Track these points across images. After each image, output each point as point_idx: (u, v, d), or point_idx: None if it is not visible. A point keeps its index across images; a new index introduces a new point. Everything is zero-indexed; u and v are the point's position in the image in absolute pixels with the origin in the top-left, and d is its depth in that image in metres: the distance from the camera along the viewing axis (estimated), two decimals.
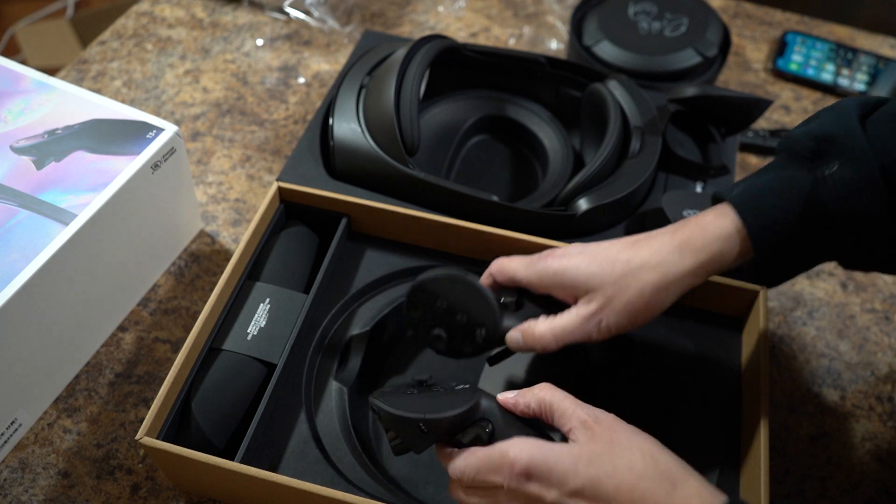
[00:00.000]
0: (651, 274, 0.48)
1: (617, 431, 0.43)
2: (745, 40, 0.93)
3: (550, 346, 0.50)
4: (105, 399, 0.60)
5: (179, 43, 0.88)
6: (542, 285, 0.51)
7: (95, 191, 0.57)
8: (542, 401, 0.45)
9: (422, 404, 0.47)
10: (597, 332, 0.49)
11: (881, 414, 0.62)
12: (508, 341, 0.52)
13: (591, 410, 0.44)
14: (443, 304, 0.53)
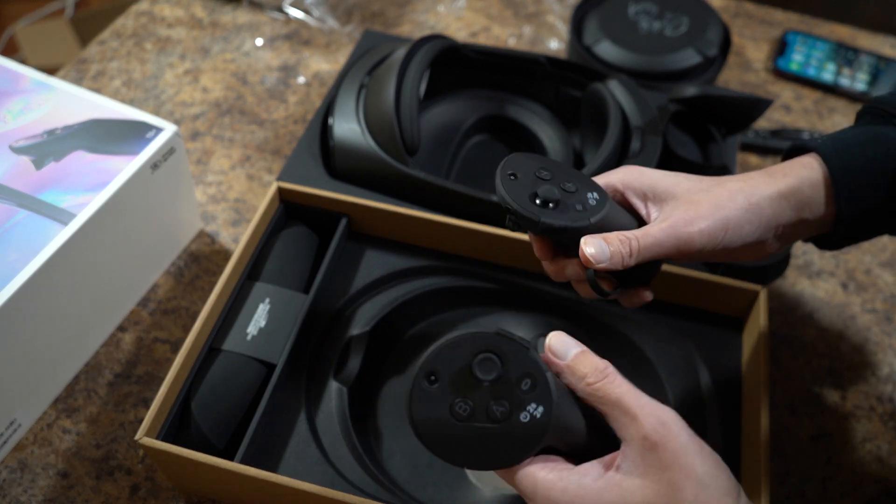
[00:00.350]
0: (740, 186, 0.45)
1: (687, 461, 0.35)
2: (745, 40, 0.93)
3: (633, 254, 0.44)
4: (104, 399, 0.60)
5: (179, 42, 0.88)
6: (620, 183, 0.48)
7: (95, 191, 0.57)
8: (603, 396, 0.38)
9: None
10: (686, 240, 0.44)
11: (882, 414, 0.62)
12: (590, 247, 0.44)
13: (658, 416, 0.36)
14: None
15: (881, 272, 0.72)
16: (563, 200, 0.45)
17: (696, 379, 0.59)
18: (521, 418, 0.37)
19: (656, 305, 0.62)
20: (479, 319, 0.62)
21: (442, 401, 0.37)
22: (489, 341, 0.38)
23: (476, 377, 0.37)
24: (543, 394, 0.37)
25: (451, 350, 0.38)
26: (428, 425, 0.37)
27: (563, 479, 0.37)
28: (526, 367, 0.38)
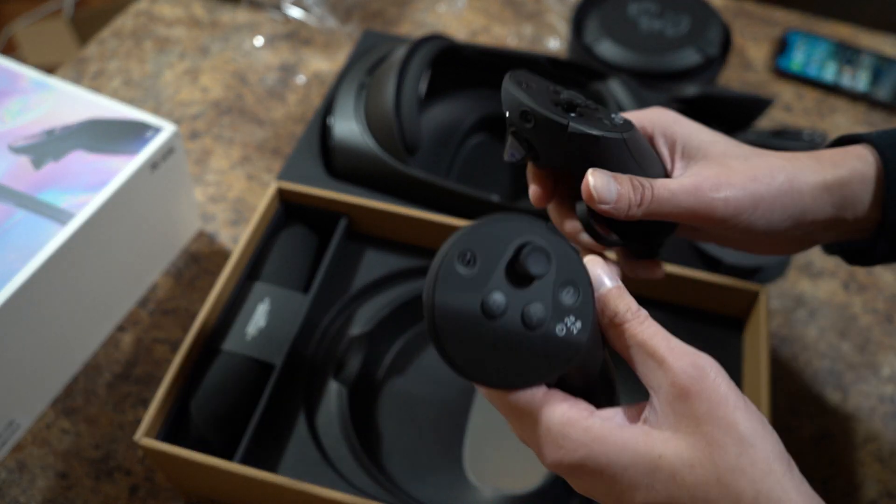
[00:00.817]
0: (783, 163, 0.39)
1: (728, 414, 0.29)
2: (746, 39, 0.92)
3: (644, 204, 0.38)
4: (104, 400, 0.60)
5: (178, 42, 0.88)
6: (651, 123, 0.42)
7: (94, 190, 0.57)
8: (631, 336, 0.33)
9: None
10: (707, 206, 0.38)
11: (883, 415, 0.62)
12: (596, 181, 0.38)
13: (692, 360, 0.30)
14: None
15: (882, 272, 0.71)
16: (587, 112, 0.38)
17: None
18: (557, 331, 0.31)
19: (657, 305, 0.62)
20: None
21: (474, 290, 0.31)
22: (540, 233, 0.32)
23: (523, 270, 0.31)
24: (585, 309, 0.32)
25: (494, 230, 0.31)
26: (449, 316, 0.30)
27: (587, 419, 0.31)
28: (572, 274, 0.32)
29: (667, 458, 0.29)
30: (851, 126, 0.84)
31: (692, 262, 0.62)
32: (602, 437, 0.30)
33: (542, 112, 0.37)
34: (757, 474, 0.28)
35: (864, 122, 0.84)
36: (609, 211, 0.38)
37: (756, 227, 0.39)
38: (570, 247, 0.32)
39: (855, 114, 0.85)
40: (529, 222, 0.32)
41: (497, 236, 0.31)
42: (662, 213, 0.38)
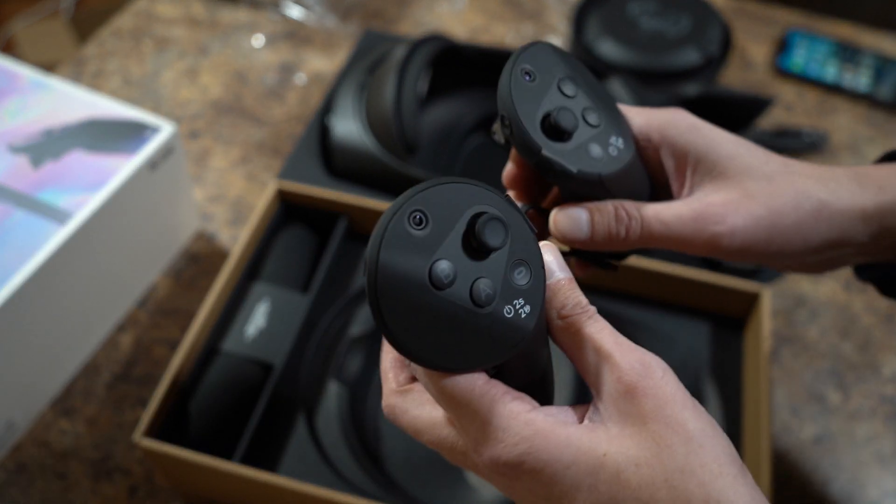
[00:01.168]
0: (815, 186, 0.34)
1: (675, 413, 0.27)
2: (747, 39, 0.92)
3: (630, 239, 0.34)
4: (103, 400, 0.60)
5: (178, 41, 0.87)
6: (659, 132, 0.36)
7: (93, 190, 0.57)
8: (577, 332, 0.30)
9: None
10: (711, 241, 0.34)
11: (885, 415, 0.62)
12: (560, 222, 0.35)
13: (639, 356, 0.29)
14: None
15: None
16: (578, 135, 0.34)
17: (697, 380, 0.59)
18: (506, 312, 0.28)
19: (657, 305, 0.62)
20: None
21: (422, 254, 0.28)
22: (498, 204, 0.29)
23: (479, 241, 0.28)
24: (535, 294, 0.29)
25: (450, 193, 0.28)
26: (392, 279, 0.27)
27: (529, 412, 0.28)
28: (526, 254, 0.29)
29: (611, 456, 0.27)
30: (852, 126, 0.84)
31: (692, 262, 0.62)
32: (544, 432, 0.28)
33: (519, 127, 0.34)
34: (707, 476, 0.26)
35: (866, 123, 0.84)
36: (587, 247, 0.34)
37: (771, 257, 0.35)
38: (527, 224, 0.30)
39: (856, 114, 0.85)
40: (488, 191, 0.29)
41: (453, 200, 0.28)
42: (656, 246, 0.35)
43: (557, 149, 0.34)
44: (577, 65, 0.36)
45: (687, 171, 0.36)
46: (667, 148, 0.36)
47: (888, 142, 0.82)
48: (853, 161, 0.80)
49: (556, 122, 0.34)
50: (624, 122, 0.36)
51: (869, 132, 0.83)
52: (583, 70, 0.37)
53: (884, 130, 0.83)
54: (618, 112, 0.36)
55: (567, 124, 0.34)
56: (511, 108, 0.34)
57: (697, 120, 0.36)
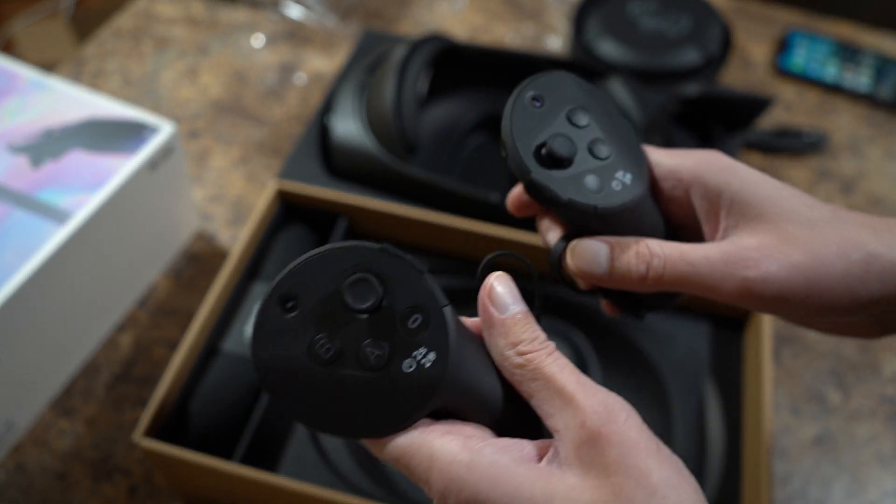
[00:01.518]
0: (867, 236, 0.31)
1: (639, 462, 0.26)
2: (747, 39, 0.92)
3: (651, 279, 0.32)
4: (103, 400, 0.60)
5: (177, 41, 0.87)
6: (691, 173, 0.34)
7: (92, 190, 0.57)
8: (535, 369, 0.28)
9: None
10: (738, 283, 0.31)
11: (885, 415, 0.62)
12: (578, 255, 0.33)
13: (601, 399, 0.27)
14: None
15: None
16: (578, 164, 0.33)
17: (697, 380, 0.59)
18: (405, 367, 0.27)
19: None
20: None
21: (298, 336, 0.27)
22: (367, 257, 0.27)
23: (346, 305, 0.27)
24: (437, 336, 0.27)
25: (317, 266, 0.27)
26: (276, 369, 0.27)
27: (471, 451, 0.26)
28: (416, 299, 0.27)
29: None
30: (852, 126, 0.83)
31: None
32: (492, 477, 0.26)
33: (512, 148, 0.33)
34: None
35: (866, 123, 0.84)
36: (603, 283, 0.32)
37: (812, 311, 0.31)
38: (412, 267, 0.28)
39: (856, 114, 0.85)
40: (359, 251, 0.28)
41: (321, 270, 0.27)
42: (683, 289, 0.32)
43: (551, 175, 0.33)
44: (600, 98, 0.36)
45: (721, 213, 0.33)
46: (698, 188, 0.34)
47: (889, 142, 0.82)
48: (853, 161, 0.80)
49: (551, 147, 0.33)
50: (642, 160, 0.35)
51: (869, 132, 0.83)
52: (606, 105, 0.36)
53: (884, 131, 0.83)
54: (638, 150, 0.35)
55: (561, 151, 0.33)
56: (507, 129, 0.33)
57: (733, 161, 0.34)
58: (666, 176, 0.35)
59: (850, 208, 0.31)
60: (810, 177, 0.78)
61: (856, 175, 0.79)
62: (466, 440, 0.27)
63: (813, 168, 0.79)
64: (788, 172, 0.79)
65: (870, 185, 0.78)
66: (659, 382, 0.58)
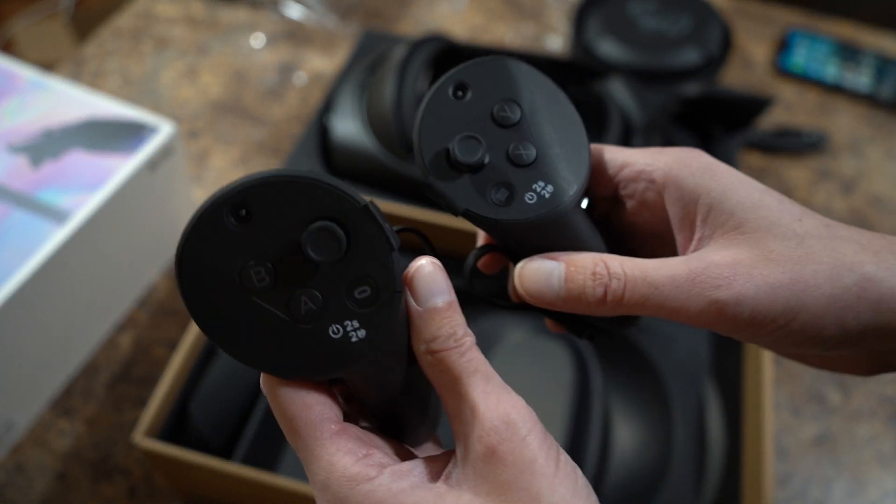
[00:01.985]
0: (863, 256, 0.26)
1: (533, 484, 0.24)
2: (747, 38, 0.92)
3: (611, 304, 0.28)
4: (102, 401, 0.60)
5: (177, 41, 0.87)
6: (665, 172, 0.30)
7: (92, 190, 0.56)
8: (445, 370, 0.26)
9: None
10: (704, 305, 0.27)
11: (885, 416, 0.62)
12: (526, 277, 0.30)
13: (503, 411, 0.25)
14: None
15: None
16: (491, 170, 0.29)
17: (697, 380, 0.59)
18: (331, 331, 0.25)
19: None
20: (479, 320, 0.62)
21: (237, 252, 0.25)
22: (346, 208, 0.25)
23: (300, 245, 0.24)
24: (377, 318, 0.25)
25: (292, 190, 0.24)
26: (199, 273, 0.25)
27: (370, 479, 0.25)
28: (373, 271, 0.25)
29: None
30: (853, 126, 0.83)
31: None
32: (374, 499, 0.24)
33: (416, 150, 0.29)
34: None
35: (866, 123, 0.84)
36: (557, 308, 0.29)
37: (793, 341, 0.27)
38: (385, 239, 0.25)
39: (857, 114, 0.85)
40: (341, 197, 0.25)
41: (294, 195, 0.24)
42: (645, 312, 0.28)
43: (453, 181, 0.29)
44: (545, 91, 0.31)
45: (696, 221, 0.29)
46: (673, 191, 0.29)
47: (889, 142, 0.82)
48: (853, 161, 0.80)
49: (454, 150, 0.29)
50: (582, 169, 0.30)
51: (870, 132, 0.83)
52: (553, 99, 0.31)
53: (884, 131, 0.83)
54: (581, 156, 0.30)
55: (464, 156, 0.29)
56: (416, 125, 0.29)
57: (714, 161, 0.29)
58: (636, 177, 0.31)
59: (850, 208, 0.28)
60: (810, 177, 0.78)
61: (856, 175, 0.79)
62: (365, 464, 0.25)
63: (813, 168, 0.79)
64: (788, 172, 0.79)
65: (870, 185, 0.78)
66: (659, 382, 0.58)
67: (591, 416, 0.55)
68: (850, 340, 0.27)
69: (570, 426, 0.53)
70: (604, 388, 0.58)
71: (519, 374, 0.59)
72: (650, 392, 0.58)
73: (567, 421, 0.53)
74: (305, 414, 0.25)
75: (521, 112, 0.30)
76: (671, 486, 0.54)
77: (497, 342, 0.59)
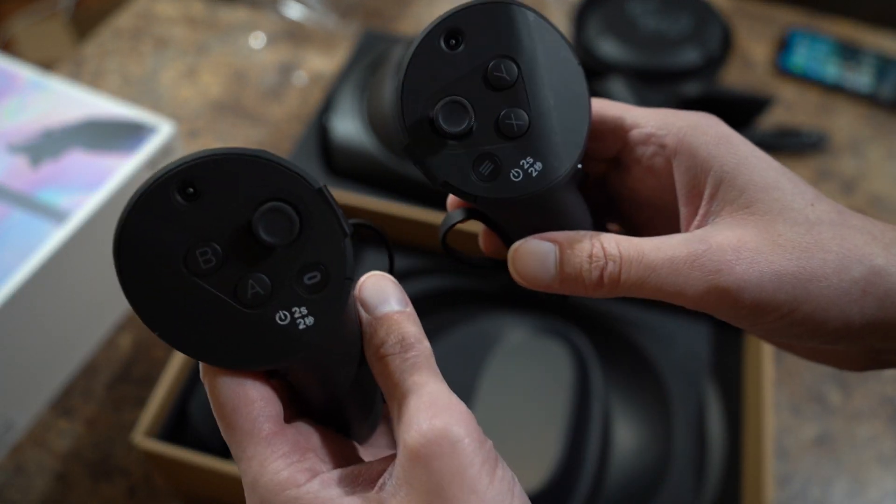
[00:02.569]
0: (874, 248, 0.25)
1: (461, 494, 0.23)
2: (747, 38, 0.92)
3: (608, 287, 0.27)
4: (102, 401, 0.60)
5: (177, 41, 0.87)
6: (678, 138, 0.28)
7: (92, 190, 0.56)
8: (390, 375, 0.26)
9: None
10: (704, 290, 0.26)
11: (885, 416, 0.62)
12: (520, 260, 0.28)
13: (436, 417, 0.24)
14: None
15: None
16: (478, 138, 0.27)
17: (697, 380, 0.58)
18: (277, 318, 0.24)
19: (658, 305, 0.62)
20: (479, 320, 0.62)
21: (182, 231, 0.23)
22: (300, 190, 0.24)
23: (250, 226, 0.23)
24: (326, 306, 0.24)
25: (245, 168, 0.23)
26: (141, 253, 0.23)
27: (295, 483, 0.24)
28: (324, 257, 0.24)
29: None
30: (853, 126, 0.83)
31: None
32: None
33: (397, 109, 0.27)
34: None
35: (867, 123, 0.84)
36: (551, 290, 0.28)
37: (793, 332, 0.26)
38: (339, 225, 0.24)
39: (857, 114, 0.85)
40: (296, 179, 0.24)
41: (247, 173, 0.23)
42: (642, 294, 0.27)
43: (434, 148, 0.27)
44: (548, 43, 0.27)
45: (705, 193, 0.27)
46: (684, 159, 0.27)
47: (889, 142, 0.82)
48: (854, 161, 0.80)
49: (437, 116, 0.26)
50: (579, 140, 0.27)
51: (870, 132, 0.83)
52: (556, 53, 0.28)
53: (885, 131, 0.83)
54: (579, 125, 0.28)
55: (447, 124, 0.26)
56: (399, 79, 0.27)
57: (732, 132, 0.27)
58: (646, 140, 0.29)
59: (851, 208, 0.27)
60: (811, 177, 0.78)
61: (856, 175, 0.79)
62: (299, 469, 0.24)
63: (813, 168, 0.79)
64: None
65: (870, 185, 0.78)
66: (659, 382, 0.58)
67: (591, 416, 0.55)
68: (852, 335, 0.26)
69: (570, 426, 0.53)
70: (604, 388, 0.58)
71: (519, 374, 0.59)
72: (650, 392, 0.58)
73: (567, 421, 0.53)
74: (246, 409, 0.24)
75: (519, 72, 0.27)
76: (671, 486, 0.54)
77: (497, 342, 0.59)
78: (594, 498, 0.53)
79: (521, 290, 0.35)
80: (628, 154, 0.30)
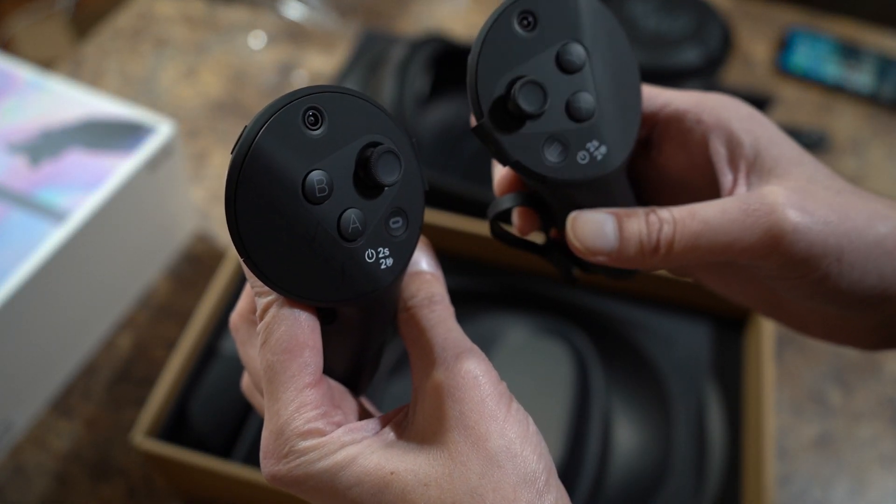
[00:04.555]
0: (890, 213, 0.28)
1: (481, 425, 0.25)
2: (747, 38, 0.92)
3: (662, 250, 0.28)
4: (102, 401, 0.60)
5: (177, 40, 0.87)
6: (714, 115, 0.29)
7: (91, 190, 0.56)
8: (416, 324, 0.28)
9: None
10: (762, 233, 0.26)
11: (887, 416, 0.62)
12: (581, 229, 0.29)
13: (458, 352, 0.26)
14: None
15: None
16: (547, 120, 0.28)
17: (698, 380, 0.58)
18: (367, 255, 0.25)
19: (658, 305, 0.62)
20: (479, 320, 0.62)
21: (305, 158, 0.24)
22: (401, 139, 0.26)
23: (369, 172, 0.24)
24: (402, 251, 0.26)
25: (357, 107, 0.25)
26: (263, 170, 0.23)
27: (321, 432, 0.25)
28: (410, 205, 0.26)
29: (399, 474, 0.24)
30: (854, 126, 0.83)
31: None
32: (325, 451, 0.25)
33: (471, 86, 0.27)
34: (498, 501, 0.24)
35: (868, 123, 0.84)
36: (612, 262, 0.29)
37: (833, 288, 0.27)
38: (420, 178, 0.26)
39: (858, 114, 0.84)
40: (395, 125, 0.25)
41: (356, 116, 0.25)
42: (696, 255, 0.28)
43: (508, 128, 0.27)
44: (609, 29, 0.29)
45: (741, 164, 0.29)
46: (721, 133, 0.29)
47: (890, 142, 0.82)
48: (854, 161, 0.80)
49: (514, 96, 0.26)
50: (634, 124, 0.29)
51: (871, 132, 0.83)
52: (615, 39, 0.29)
53: (885, 130, 0.83)
54: (634, 109, 0.29)
55: (525, 104, 0.27)
56: (474, 57, 0.27)
57: (757, 111, 0.30)
58: (681, 116, 0.30)
59: None
60: None
61: (857, 175, 0.79)
62: (328, 420, 0.25)
63: None
64: None
65: (871, 185, 0.78)
66: (659, 382, 0.58)
67: (591, 416, 0.55)
68: (881, 295, 0.27)
69: (570, 426, 0.53)
70: (604, 388, 0.58)
71: (519, 374, 0.59)
72: (650, 392, 0.58)
73: (567, 421, 0.53)
74: (298, 352, 0.25)
75: (588, 56, 0.28)
76: (671, 487, 0.53)
77: (497, 342, 0.59)
78: (594, 498, 0.53)
79: (522, 290, 0.36)
80: (660, 133, 0.31)
